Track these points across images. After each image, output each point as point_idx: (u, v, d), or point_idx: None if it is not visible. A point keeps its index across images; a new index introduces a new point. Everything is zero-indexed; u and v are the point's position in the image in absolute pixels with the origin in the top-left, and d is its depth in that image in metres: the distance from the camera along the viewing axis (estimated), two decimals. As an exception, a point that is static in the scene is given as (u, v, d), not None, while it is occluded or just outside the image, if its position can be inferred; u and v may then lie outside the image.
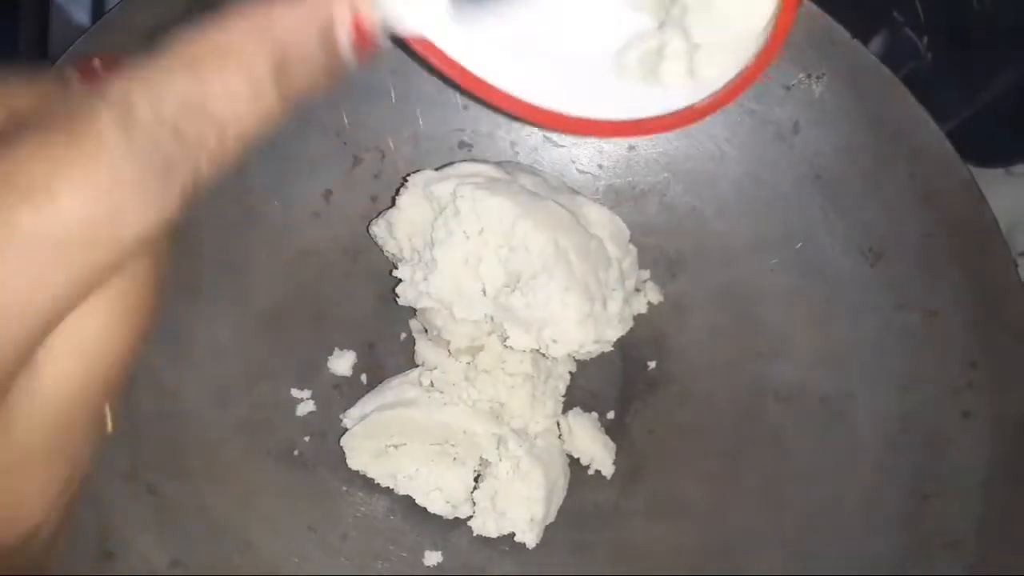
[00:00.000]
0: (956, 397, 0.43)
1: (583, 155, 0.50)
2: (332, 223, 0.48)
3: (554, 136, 0.50)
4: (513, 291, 0.43)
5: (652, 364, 0.48)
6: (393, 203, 0.45)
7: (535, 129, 0.49)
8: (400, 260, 0.45)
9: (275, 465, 0.45)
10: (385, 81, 0.48)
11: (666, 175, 0.49)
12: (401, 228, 0.45)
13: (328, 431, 0.46)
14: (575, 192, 0.47)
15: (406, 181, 0.46)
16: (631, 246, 0.47)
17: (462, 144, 0.49)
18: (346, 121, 0.48)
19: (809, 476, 0.44)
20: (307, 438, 0.46)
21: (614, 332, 0.44)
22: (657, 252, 0.48)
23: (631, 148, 0.49)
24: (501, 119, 0.49)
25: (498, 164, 0.47)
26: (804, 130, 0.46)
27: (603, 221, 0.46)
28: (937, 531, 0.42)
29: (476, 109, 0.49)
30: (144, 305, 0.19)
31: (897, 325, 0.44)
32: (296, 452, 0.46)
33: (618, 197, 0.49)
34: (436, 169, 0.46)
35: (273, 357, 0.46)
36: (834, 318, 0.46)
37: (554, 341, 0.42)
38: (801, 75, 0.46)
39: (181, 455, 0.43)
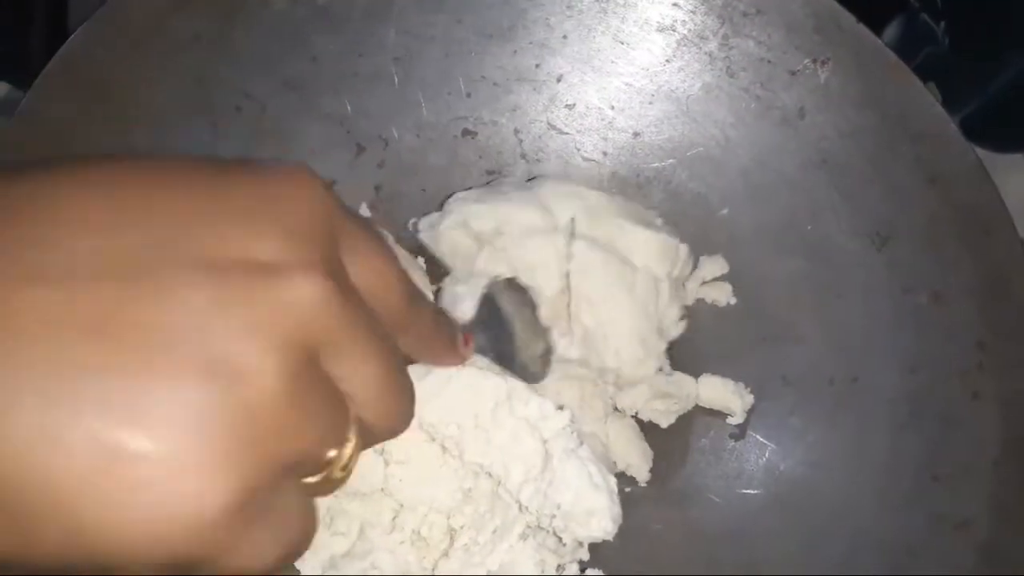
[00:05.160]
0: (965, 378, 0.43)
1: (588, 142, 0.49)
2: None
3: (559, 124, 0.49)
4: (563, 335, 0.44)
5: (659, 351, 0.48)
6: (399, 193, 0.46)
7: (539, 117, 0.49)
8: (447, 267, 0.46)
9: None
10: (388, 68, 0.47)
11: (671, 161, 0.49)
12: (444, 243, 0.45)
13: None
14: (619, 216, 0.45)
15: (448, 200, 0.46)
16: (685, 254, 0.46)
17: (465, 132, 0.49)
18: (349, 109, 0.47)
19: (818, 459, 0.44)
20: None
21: (668, 338, 0.46)
22: (663, 239, 0.48)
23: (636, 135, 0.49)
24: (504, 107, 0.49)
25: (533, 182, 0.46)
26: (810, 115, 0.46)
27: (648, 243, 0.45)
28: (947, 512, 0.42)
29: (479, 97, 0.49)
30: None
31: (905, 308, 0.44)
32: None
33: (623, 184, 0.49)
34: (483, 186, 0.47)
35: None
36: (841, 302, 0.46)
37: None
38: (806, 60, 0.46)
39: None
